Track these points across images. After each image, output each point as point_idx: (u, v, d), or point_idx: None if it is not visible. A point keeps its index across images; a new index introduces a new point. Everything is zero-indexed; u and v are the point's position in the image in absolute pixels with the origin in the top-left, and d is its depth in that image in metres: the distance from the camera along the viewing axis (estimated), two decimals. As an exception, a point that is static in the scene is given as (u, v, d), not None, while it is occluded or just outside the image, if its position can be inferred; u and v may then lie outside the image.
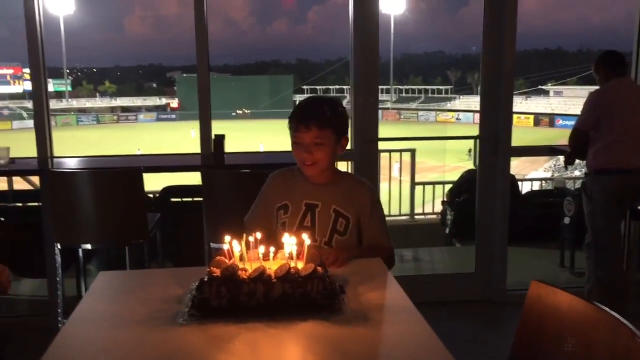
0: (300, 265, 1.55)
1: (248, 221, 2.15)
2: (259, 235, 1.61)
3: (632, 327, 1.15)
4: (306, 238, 1.59)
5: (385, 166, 7.03)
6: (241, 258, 1.58)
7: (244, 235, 1.61)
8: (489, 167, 4.14)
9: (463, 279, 4.28)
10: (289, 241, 1.58)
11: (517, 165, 23.63)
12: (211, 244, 3.12)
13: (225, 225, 2.06)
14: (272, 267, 1.54)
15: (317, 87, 68.74)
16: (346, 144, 2.07)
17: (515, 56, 3.99)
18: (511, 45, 3.94)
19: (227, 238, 1.60)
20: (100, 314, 1.59)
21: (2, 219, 4.18)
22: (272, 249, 1.60)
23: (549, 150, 4.07)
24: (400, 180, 7.21)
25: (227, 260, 1.57)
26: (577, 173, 14.38)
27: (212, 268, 1.53)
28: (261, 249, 1.59)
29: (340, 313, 1.49)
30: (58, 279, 3.36)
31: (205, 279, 1.50)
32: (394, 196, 7.09)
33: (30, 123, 3.92)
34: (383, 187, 6.71)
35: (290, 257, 1.57)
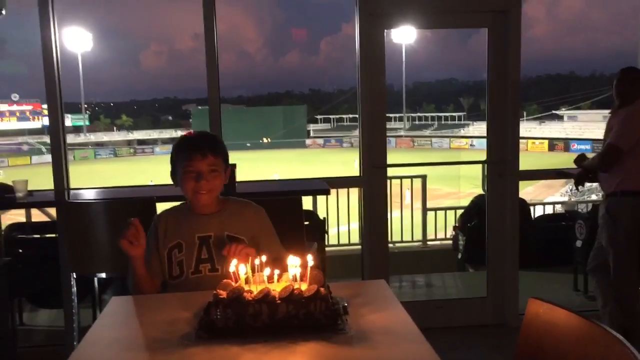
0: (304, 286, 1.59)
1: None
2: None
3: (624, 340, 1.18)
4: (310, 260, 1.64)
5: (397, 194, 7.06)
6: (247, 281, 1.64)
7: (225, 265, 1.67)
8: (497, 191, 4.18)
9: (475, 304, 4.28)
10: (293, 263, 1.64)
11: (534, 191, 23.49)
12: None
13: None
14: (276, 288, 1.59)
15: (330, 117, 69.22)
16: (229, 175, 2.15)
17: (520, 82, 4.05)
18: (516, 72, 4.01)
19: (234, 262, 1.66)
20: (111, 336, 1.64)
21: (20, 250, 4.26)
22: (276, 271, 1.65)
23: (557, 174, 4.10)
24: (412, 207, 7.23)
25: (233, 283, 1.62)
26: (593, 197, 14.28)
27: (218, 290, 1.59)
28: (266, 271, 1.64)
29: (342, 333, 1.53)
30: (74, 309, 3.41)
31: (212, 301, 1.56)
32: (406, 222, 7.11)
33: (49, 158, 4.03)
34: (394, 215, 6.71)
35: (294, 279, 1.62)
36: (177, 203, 2.26)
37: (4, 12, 4.12)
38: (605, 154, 3.48)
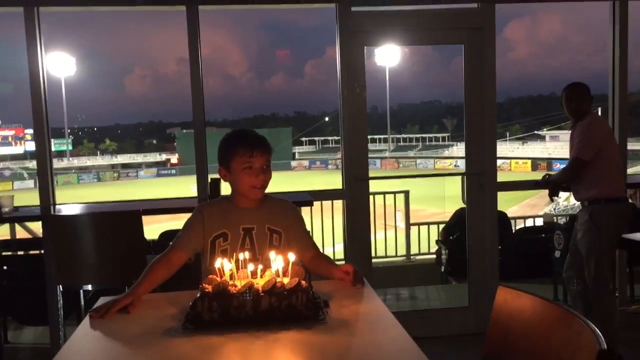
0: (286, 280, 1.67)
1: (172, 251, 2.15)
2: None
3: (582, 317, 1.27)
4: (292, 256, 1.72)
5: (383, 215, 7.11)
6: (232, 276, 1.71)
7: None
8: (477, 204, 4.29)
9: (458, 313, 4.35)
10: (276, 259, 1.71)
11: (518, 210, 23.71)
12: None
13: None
14: (260, 282, 1.66)
15: (316, 138, 69.57)
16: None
17: (496, 97, 4.22)
18: (492, 83, 4.16)
19: (219, 260, 1.74)
20: (100, 332, 1.70)
21: (5, 267, 4.27)
22: (260, 266, 1.73)
23: (534, 184, 4.22)
24: (395, 224, 7.31)
25: (218, 278, 1.69)
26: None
27: (204, 285, 1.66)
28: (250, 267, 1.71)
29: (323, 323, 1.61)
30: (60, 323, 3.43)
31: (199, 295, 1.63)
32: (391, 243, 7.18)
33: (31, 183, 4.08)
34: (379, 236, 6.74)
35: (277, 274, 1.70)
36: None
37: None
38: (571, 167, 3.65)
